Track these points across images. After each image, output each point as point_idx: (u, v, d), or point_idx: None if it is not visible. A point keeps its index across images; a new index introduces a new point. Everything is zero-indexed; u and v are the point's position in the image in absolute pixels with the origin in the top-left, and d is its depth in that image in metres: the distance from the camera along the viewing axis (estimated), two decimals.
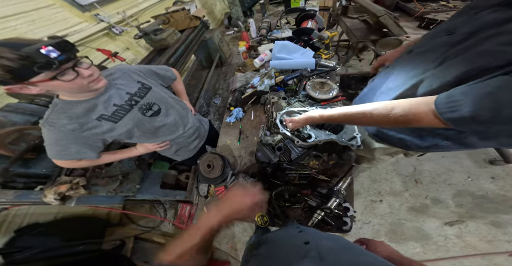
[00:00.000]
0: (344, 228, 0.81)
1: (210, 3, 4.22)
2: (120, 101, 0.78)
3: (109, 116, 0.75)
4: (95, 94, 0.72)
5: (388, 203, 1.65)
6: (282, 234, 0.62)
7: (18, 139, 0.93)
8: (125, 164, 1.37)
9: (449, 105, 0.40)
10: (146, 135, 0.90)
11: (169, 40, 1.91)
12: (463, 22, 0.52)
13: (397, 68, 0.73)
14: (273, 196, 0.85)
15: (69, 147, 0.73)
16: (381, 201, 1.67)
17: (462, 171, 1.69)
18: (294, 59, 1.29)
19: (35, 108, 1.07)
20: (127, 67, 0.87)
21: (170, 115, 0.95)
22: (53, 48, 0.54)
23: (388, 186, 1.73)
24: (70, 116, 0.69)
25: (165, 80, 1.03)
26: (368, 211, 1.66)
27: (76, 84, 0.62)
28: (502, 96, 0.34)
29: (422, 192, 1.65)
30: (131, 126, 0.82)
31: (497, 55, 0.39)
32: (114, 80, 0.80)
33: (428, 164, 1.78)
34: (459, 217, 1.49)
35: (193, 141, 1.16)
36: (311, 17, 1.55)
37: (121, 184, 1.26)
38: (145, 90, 0.86)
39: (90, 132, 0.74)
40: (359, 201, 1.70)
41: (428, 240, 1.44)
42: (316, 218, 0.75)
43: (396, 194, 1.68)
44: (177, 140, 1.06)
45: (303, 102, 1.01)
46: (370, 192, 1.72)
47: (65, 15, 1.73)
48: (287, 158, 0.76)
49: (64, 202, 1.01)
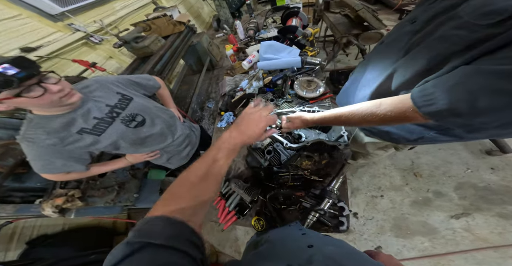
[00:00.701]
0: (341, 228, 0.80)
1: (196, 7, 4.24)
2: (100, 114, 0.78)
3: (90, 129, 0.75)
4: (71, 108, 0.71)
5: (389, 198, 1.65)
6: (284, 234, 0.61)
7: (4, 154, 0.94)
8: (120, 174, 1.38)
9: (424, 99, 0.40)
10: (133, 146, 0.90)
11: (152, 48, 1.90)
12: (422, 11, 0.55)
13: (372, 59, 0.75)
14: (267, 199, 0.84)
15: (54, 161, 0.73)
16: (382, 196, 1.67)
17: (460, 162, 1.69)
18: (281, 58, 1.29)
19: (17, 123, 1.08)
20: (104, 79, 0.87)
21: (156, 125, 0.95)
22: (9, 66, 0.53)
23: (387, 180, 1.72)
24: (48, 131, 0.68)
25: (148, 89, 1.02)
26: (370, 207, 1.66)
27: (45, 100, 0.61)
28: (473, 85, 0.34)
29: (422, 186, 1.64)
30: (116, 138, 0.81)
31: (452, 40, 0.41)
32: (91, 93, 0.79)
33: (425, 157, 1.78)
34: (464, 210, 1.48)
35: (184, 148, 1.15)
36: (295, 14, 1.55)
37: (118, 194, 1.27)
38: (126, 102, 0.86)
39: (73, 146, 0.73)
40: (359, 197, 1.70)
41: (436, 234, 1.44)
42: (311, 220, 0.75)
43: (396, 188, 1.68)
44: (167, 148, 1.05)
45: (290, 102, 1.01)
46: (370, 188, 1.72)
47: (35, 25, 1.66)
48: (277, 161, 0.76)
49: (63, 214, 1.03)
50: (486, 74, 0.33)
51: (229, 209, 0.85)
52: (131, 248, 0.29)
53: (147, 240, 0.30)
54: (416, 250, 1.40)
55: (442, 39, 0.43)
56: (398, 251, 1.42)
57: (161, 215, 0.35)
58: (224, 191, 0.92)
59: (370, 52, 0.81)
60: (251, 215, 0.86)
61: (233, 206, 0.84)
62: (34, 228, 1.37)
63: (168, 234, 0.32)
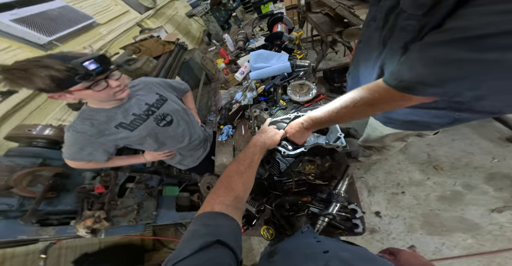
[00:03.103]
0: (356, 231, 0.81)
1: (184, 24, 4.50)
2: (138, 111, 0.90)
3: (127, 124, 0.87)
4: (119, 103, 0.84)
5: (412, 194, 1.62)
6: (298, 243, 0.64)
7: (33, 181, 1.07)
8: (137, 194, 1.49)
9: (394, 77, 0.46)
10: (157, 143, 1.02)
11: (145, 68, 2.04)
12: (376, 10, 0.64)
13: (360, 58, 0.81)
14: (273, 207, 0.88)
15: (84, 149, 0.85)
16: (403, 192, 1.64)
17: (482, 152, 1.63)
18: (272, 66, 1.36)
19: (36, 151, 1.20)
20: (149, 80, 1.03)
21: (180, 126, 1.07)
22: (93, 61, 0.65)
23: (405, 176, 1.70)
24: (93, 123, 0.81)
25: (180, 92, 1.20)
26: (393, 204, 1.63)
27: (105, 93, 0.74)
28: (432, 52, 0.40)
29: (447, 179, 1.60)
30: (145, 134, 0.93)
31: (408, 29, 0.49)
32: (136, 91, 0.93)
33: (441, 149, 1.74)
34: (505, 203, 1.41)
35: (197, 150, 1.28)
36: (279, 20, 1.64)
37: (138, 213, 1.38)
38: (161, 102, 0.99)
39: (107, 138, 0.85)
40: (379, 195, 1.68)
41: (479, 230, 1.37)
42: (320, 225, 0.77)
43: (417, 183, 1.65)
44: (182, 150, 1.18)
45: (284, 109, 1.06)
46: (388, 185, 1.69)
47: (28, 55, 1.75)
48: (276, 171, 0.80)
49: (95, 234, 1.15)
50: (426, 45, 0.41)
51: None
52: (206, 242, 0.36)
53: (219, 238, 0.37)
54: (460, 248, 1.35)
55: (403, 30, 0.51)
56: (437, 250, 1.38)
57: (222, 212, 0.45)
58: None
59: (355, 53, 0.88)
60: (260, 224, 0.90)
61: None
62: (76, 247, 1.57)
63: (233, 235, 0.40)
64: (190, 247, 0.35)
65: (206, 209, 0.46)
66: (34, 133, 1.21)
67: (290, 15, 2.97)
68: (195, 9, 3.24)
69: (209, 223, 0.42)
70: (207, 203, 0.48)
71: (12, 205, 1.03)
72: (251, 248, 1.75)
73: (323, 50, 1.60)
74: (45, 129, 1.25)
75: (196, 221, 0.44)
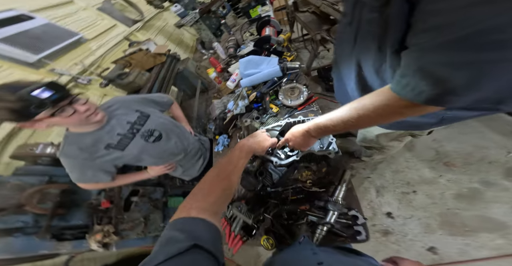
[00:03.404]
0: (360, 238, 0.79)
1: (176, 34, 4.60)
2: (122, 130, 0.92)
3: (115, 145, 0.90)
4: (99, 126, 0.87)
5: (424, 193, 1.57)
6: (295, 255, 0.65)
7: (42, 198, 1.14)
8: (143, 207, 1.54)
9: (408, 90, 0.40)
10: (153, 159, 1.05)
11: (138, 82, 2.08)
12: (345, 5, 0.66)
13: (338, 56, 0.83)
14: (272, 217, 0.87)
15: (86, 173, 0.89)
16: (414, 192, 1.60)
17: (496, 146, 1.57)
18: (261, 71, 1.37)
19: (42, 169, 1.28)
20: (124, 98, 1.04)
21: (171, 139, 1.09)
22: (44, 90, 0.66)
23: (415, 174, 1.65)
24: (81, 147, 0.84)
25: (163, 105, 1.21)
26: (405, 204, 1.59)
27: (75, 119, 0.75)
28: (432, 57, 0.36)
29: (461, 176, 1.54)
30: (137, 152, 0.96)
31: (375, 22, 0.48)
32: (114, 111, 0.95)
33: (450, 144, 1.68)
34: None
35: (197, 160, 1.30)
36: (267, 23, 1.65)
37: (146, 225, 1.43)
38: (144, 118, 1.01)
39: (102, 160, 0.88)
40: (388, 195, 1.64)
41: (508, 229, 1.31)
42: (319, 234, 0.76)
43: (429, 182, 1.60)
44: (181, 161, 1.20)
45: (275, 116, 1.06)
46: (397, 184, 1.65)
47: (20, 75, 1.85)
48: (269, 182, 0.80)
49: (107, 248, 1.21)
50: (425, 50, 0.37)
51: (235, 233, 0.89)
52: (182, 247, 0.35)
53: (197, 243, 0.36)
54: (488, 249, 1.29)
55: (369, 23, 0.51)
56: (463, 251, 1.33)
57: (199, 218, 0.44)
58: (229, 215, 0.96)
59: (334, 51, 0.89)
60: (260, 234, 0.89)
61: (238, 230, 0.88)
62: (96, 259, 1.63)
63: (211, 239, 0.40)
64: (165, 252, 0.34)
65: (182, 214, 0.45)
66: (37, 151, 1.28)
67: (279, 16, 3.01)
68: (184, 19, 3.30)
69: (185, 228, 0.41)
70: (183, 208, 0.47)
71: (28, 222, 1.12)
72: (259, 255, 1.74)
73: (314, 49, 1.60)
74: (46, 147, 1.31)
75: (171, 227, 0.43)
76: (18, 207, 1.07)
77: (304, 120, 0.87)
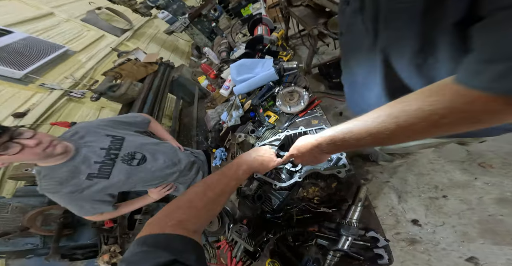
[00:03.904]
0: (381, 262, 0.70)
1: (170, 41, 4.63)
2: (98, 158, 0.89)
3: (97, 173, 0.87)
4: (66, 157, 0.82)
5: (458, 198, 1.46)
6: None
7: (45, 220, 1.15)
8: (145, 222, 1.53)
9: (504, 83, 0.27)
10: (146, 182, 1.02)
11: (131, 93, 2.04)
12: None
13: (348, 54, 0.71)
14: (275, 240, 0.80)
15: (83, 205, 0.87)
16: (445, 196, 1.48)
17: None
18: (256, 75, 1.29)
19: None
20: (89, 124, 1.00)
21: (158, 159, 1.05)
22: None
23: (443, 177, 1.54)
24: (60, 181, 0.80)
25: (139, 125, 1.16)
26: (434, 211, 1.48)
27: (28, 154, 0.70)
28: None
29: (502, 179, 1.42)
30: (124, 178, 0.92)
31: None
32: (82, 139, 0.91)
33: (484, 144, 1.54)
34: None
35: (196, 175, 1.27)
36: (259, 21, 1.59)
37: None
38: (119, 142, 0.97)
39: (90, 191, 0.85)
40: (412, 201, 1.54)
41: None
42: (331, 261, 0.68)
43: (462, 185, 1.48)
44: (178, 179, 1.17)
45: (273, 128, 0.98)
46: (423, 188, 1.54)
47: (10, 91, 1.85)
48: (269, 207, 0.72)
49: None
50: None
51: (236, 259, 0.84)
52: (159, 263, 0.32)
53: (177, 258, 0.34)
54: None
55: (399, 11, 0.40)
56: (510, 262, 1.22)
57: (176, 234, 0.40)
58: (230, 238, 0.91)
59: (340, 49, 0.78)
60: (265, 255, 0.83)
61: (240, 254, 0.84)
62: None
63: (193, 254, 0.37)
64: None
65: (154, 231, 0.40)
66: (33, 171, 1.26)
67: (274, 13, 2.93)
68: (173, 26, 3.27)
69: (160, 243, 0.37)
70: (155, 226, 0.42)
71: (36, 244, 1.14)
72: None
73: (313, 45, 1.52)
74: None
75: (139, 242, 0.38)
76: (23, 230, 1.09)
77: (306, 131, 0.79)
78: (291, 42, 3.00)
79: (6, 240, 1.08)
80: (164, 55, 3.38)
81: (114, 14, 3.80)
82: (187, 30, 3.26)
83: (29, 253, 1.17)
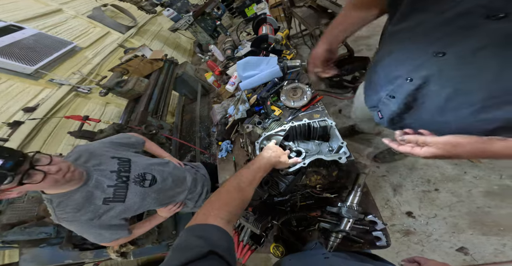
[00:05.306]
0: (379, 244, 0.76)
1: (173, 38, 4.66)
2: (111, 181, 0.86)
3: (112, 198, 0.85)
4: (80, 182, 0.78)
5: (449, 191, 1.53)
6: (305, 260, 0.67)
7: None
8: None
9: None
10: (160, 202, 1.02)
11: (137, 89, 2.09)
12: None
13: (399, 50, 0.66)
14: (280, 225, 0.86)
15: (101, 233, 0.85)
16: (437, 190, 1.55)
17: None
18: (261, 72, 1.35)
19: None
20: (90, 147, 0.94)
21: (167, 179, 1.05)
22: None
23: (435, 171, 1.61)
24: (77, 208, 0.77)
25: (135, 146, 1.13)
26: (427, 203, 1.55)
27: (51, 181, 0.67)
28: None
29: (490, 173, 1.49)
30: (139, 199, 0.92)
31: None
32: (87, 163, 0.86)
33: None
34: None
35: (202, 189, 1.27)
36: (263, 21, 1.64)
37: (159, 234, 1.46)
38: (127, 164, 0.94)
39: (107, 216, 0.83)
40: (407, 194, 1.61)
41: None
42: (334, 242, 0.73)
43: (453, 179, 1.55)
44: (188, 196, 1.16)
45: (278, 120, 1.03)
46: (416, 182, 1.61)
47: (21, 86, 1.90)
48: (276, 191, 0.78)
49: (125, 257, 1.27)
50: None
51: (243, 242, 0.89)
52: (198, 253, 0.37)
53: (212, 249, 0.39)
54: None
55: None
56: (499, 251, 1.29)
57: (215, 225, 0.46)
58: (237, 224, 0.96)
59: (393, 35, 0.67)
60: (269, 241, 0.89)
61: (247, 239, 0.89)
62: (118, 265, 1.79)
63: (226, 246, 0.42)
64: (179, 258, 0.36)
65: (199, 220, 0.48)
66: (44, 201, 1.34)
67: (276, 13, 2.98)
68: (177, 23, 3.32)
69: (202, 234, 0.43)
70: (201, 215, 0.50)
71: (50, 233, 1.18)
72: (269, 257, 1.76)
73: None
74: None
75: (188, 232, 0.45)
76: (39, 219, 1.13)
77: (309, 123, 0.84)
78: (293, 42, 3.06)
79: (22, 229, 1.11)
80: (166, 52, 3.43)
81: (119, 11, 3.82)
82: (190, 28, 3.29)
83: (42, 242, 1.20)
